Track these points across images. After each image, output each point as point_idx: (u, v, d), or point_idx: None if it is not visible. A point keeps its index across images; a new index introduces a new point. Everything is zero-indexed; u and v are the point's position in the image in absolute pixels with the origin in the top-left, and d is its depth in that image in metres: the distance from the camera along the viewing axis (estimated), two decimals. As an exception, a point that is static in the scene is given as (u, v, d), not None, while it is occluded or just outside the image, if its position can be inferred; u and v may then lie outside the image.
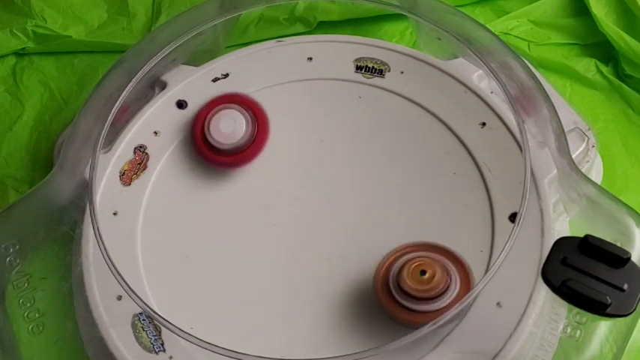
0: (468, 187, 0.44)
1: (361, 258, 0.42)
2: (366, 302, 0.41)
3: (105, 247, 0.39)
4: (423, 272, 0.37)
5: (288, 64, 0.49)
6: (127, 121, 0.47)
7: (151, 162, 0.46)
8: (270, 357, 0.35)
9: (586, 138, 0.46)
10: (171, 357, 0.39)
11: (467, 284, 0.38)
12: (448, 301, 0.37)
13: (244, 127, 0.44)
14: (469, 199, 0.43)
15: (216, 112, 0.45)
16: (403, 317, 0.38)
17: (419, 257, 0.38)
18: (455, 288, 0.38)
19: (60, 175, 0.44)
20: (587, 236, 0.36)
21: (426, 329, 0.36)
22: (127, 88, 0.44)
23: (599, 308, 0.35)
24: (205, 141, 0.45)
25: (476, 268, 0.41)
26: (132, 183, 0.45)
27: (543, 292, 0.38)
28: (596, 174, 0.51)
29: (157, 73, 0.48)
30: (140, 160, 0.46)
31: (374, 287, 0.39)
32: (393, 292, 0.38)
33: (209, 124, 0.44)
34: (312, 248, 0.43)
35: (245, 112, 0.45)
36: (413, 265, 0.38)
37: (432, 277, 0.37)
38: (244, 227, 0.44)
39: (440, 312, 0.37)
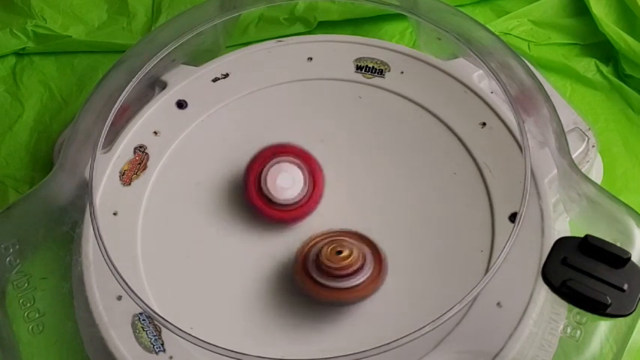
0: (468, 187, 0.44)
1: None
2: (368, 302, 0.41)
3: (105, 247, 0.39)
4: (339, 252, 0.40)
5: (288, 64, 0.49)
6: (127, 121, 0.47)
7: (150, 162, 0.46)
8: (270, 357, 0.35)
9: (586, 138, 0.46)
10: (171, 357, 0.39)
11: (380, 265, 0.40)
12: (364, 278, 0.40)
13: (302, 184, 0.43)
14: (469, 199, 0.43)
15: (273, 165, 0.43)
16: (325, 295, 0.40)
17: (336, 240, 0.41)
18: (370, 267, 0.40)
19: (60, 175, 0.44)
20: (587, 236, 0.36)
21: (426, 329, 0.36)
22: (127, 88, 0.44)
23: (599, 308, 0.35)
24: (260, 193, 0.43)
25: (476, 268, 0.41)
26: (132, 183, 0.45)
27: (543, 292, 0.38)
28: (596, 174, 0.51)
29: (157, 73, 0.48)
30: (140, 160, 0.46)
31: (294, 270, 0.41)
32: (312, 272, 0.40)
33: (266, 177, 0.43)
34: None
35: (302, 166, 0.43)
36: (330, 247, 0.40)
37: (348, 256, 0.40)
38: (244, 227, 0.44)
39: (357, 287, 0.40)
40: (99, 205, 0.44)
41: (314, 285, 0.40)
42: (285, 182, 0.43)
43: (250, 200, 0.43)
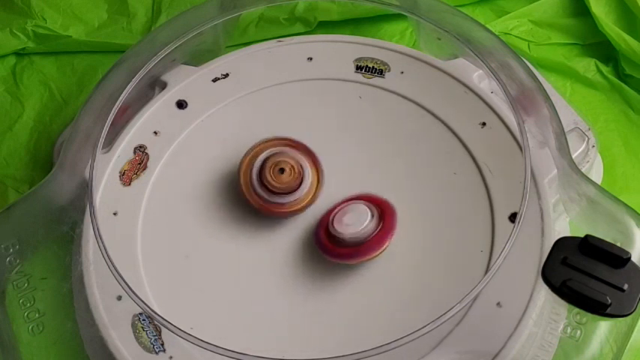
0: (468, 187, 0.44)
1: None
2: (368, 302, 0.41)
3: (105, 247, 0.39)
4: (282, 170, 0.42)
5: (288, 64, 0.49)
6: (127, 121, 0.47)
7: (150, 162, 0.46)
8: (270, 357, 0.35)
9: (586, 138, 0.46)
10: (171, 357, 0.39)
11: (317, 171, 0.44)
12: (304, 191, 0.43)
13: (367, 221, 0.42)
14: (469, 199, 0.43)
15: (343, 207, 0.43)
16: (267, 209, 0.43)
17: (276, 154, 0.43)
18: (308, 179, 0.43)
19: (60, 175, 0.44)
20: (587, 236, 0.36)
21: (426, 329, 0.36)
22: (127, 88, 0.44)
23: (599, 308, 0.35)
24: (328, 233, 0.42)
25: (476, 268, 0.41)
26: (132, 183, 0.45)
27: (543, 292, 0.38)
28: (596, 174, 0.51)
29: (157, 73, 0.48)
30: (140, 160, 0.46)
31: (238, 183, 0.43)
32: (258, 188, 0.43)
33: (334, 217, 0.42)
34: (312, 247, 0.43)
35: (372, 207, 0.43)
36: (272, 164, 0.42)
37: (290, 173, 0.42)
38: (244, 226, 0.44)
39: (298, 200, 0.43)
40: (99, 205, 0.44)
41: (262, 203, 0.43)
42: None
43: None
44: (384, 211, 0.42)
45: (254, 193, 0.43)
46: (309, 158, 0.44)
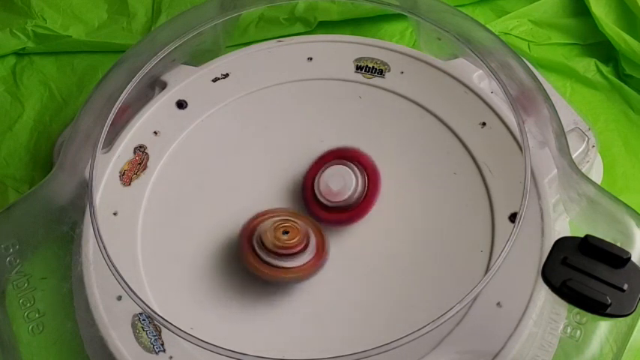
0: (468, 187, 0.44)
1: (361, 257, 0.42)
2: (369, 303, 0.41)
3: (105, 247, 0.39)
4: (286, 232, 0.41)
5: (288, 64, 0.49)
6: (127, 121, 0.47)
7: (151, 162, 0.46)
8: (270, 357, 0.35)
9: (586, 138, 0.46)
10: (171, 357, 0.39)
11: (322, 246, 0.42)
12: (307, 259, 0.41)
13: (354, 184, 0.43)
14: (469, 199, 0.43)
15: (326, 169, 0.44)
16: (266, 272, 0.41)
17: (282, 220, 0.42)
18: (312, 250, 0.42)
19: (60, 175, 0.44)
20: (587, 236, 0.36)
21: (426, 329, 0.36)
22: (127, 88, 0.44)
23: (599, 308, 0.35)
24: (315, 198, 0.44)
25: (476, 268, 0.41)
26: (132, 183, 0.45)
27: (543, 292, 0.38)
28: (596, 174, 0.51)
29: (157, 73, 0.48)
30: (140, 160, 0.46)
31: (239, 244, 0.42)
32: (257, 248, 0.41)
33: (319, 181, 0.43)
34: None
35: (355, 168, 0.44)
36: (277, 226, 0.41)
37: (293, 237, 0.41)
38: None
39: (300, 267, 0.41)
40: (99, 205, 0.44)
41: (259, 263, 0.41)
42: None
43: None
44: (364, 167, 0.43)
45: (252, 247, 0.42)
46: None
